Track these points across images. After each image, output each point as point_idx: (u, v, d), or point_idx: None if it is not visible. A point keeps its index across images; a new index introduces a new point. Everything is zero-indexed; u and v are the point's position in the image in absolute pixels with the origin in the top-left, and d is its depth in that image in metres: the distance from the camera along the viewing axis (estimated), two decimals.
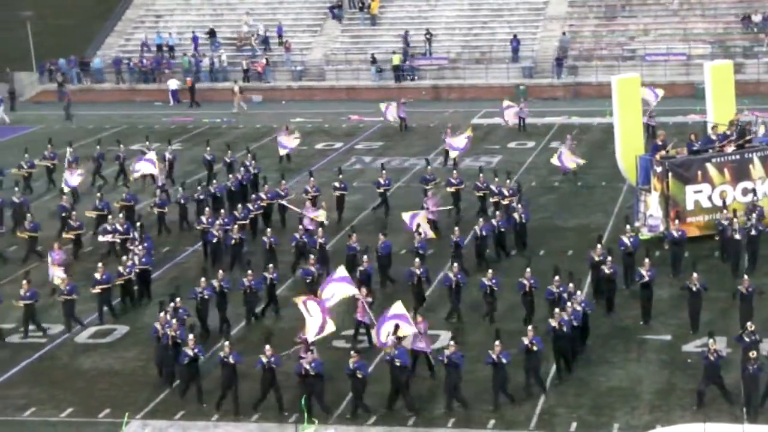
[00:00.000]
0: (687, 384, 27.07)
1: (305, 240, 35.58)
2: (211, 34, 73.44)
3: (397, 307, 27.93)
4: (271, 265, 32.74)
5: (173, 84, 69.58)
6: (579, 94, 65.84)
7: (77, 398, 27.76)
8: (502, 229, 36.39)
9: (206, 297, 31.08)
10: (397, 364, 25.86)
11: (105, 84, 72.50)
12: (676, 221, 35.46)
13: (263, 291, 32.26)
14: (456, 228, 35.50)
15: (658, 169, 37.16)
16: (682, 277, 32.23)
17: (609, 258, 31.53)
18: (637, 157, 38.65)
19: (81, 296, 32.88)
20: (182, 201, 41.13)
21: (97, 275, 32.65)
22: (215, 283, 31.30)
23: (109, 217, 38.81)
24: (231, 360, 26.37)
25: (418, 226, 35.66)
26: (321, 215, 38.29)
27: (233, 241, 36.10)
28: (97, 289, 32.57)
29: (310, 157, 51.82)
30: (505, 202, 38.47)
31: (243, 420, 26.19)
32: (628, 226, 34.02)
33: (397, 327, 26.96)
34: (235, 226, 36.74)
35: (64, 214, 39.49)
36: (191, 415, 26.60)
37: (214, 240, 36.55)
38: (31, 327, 31.81)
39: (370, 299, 30.00)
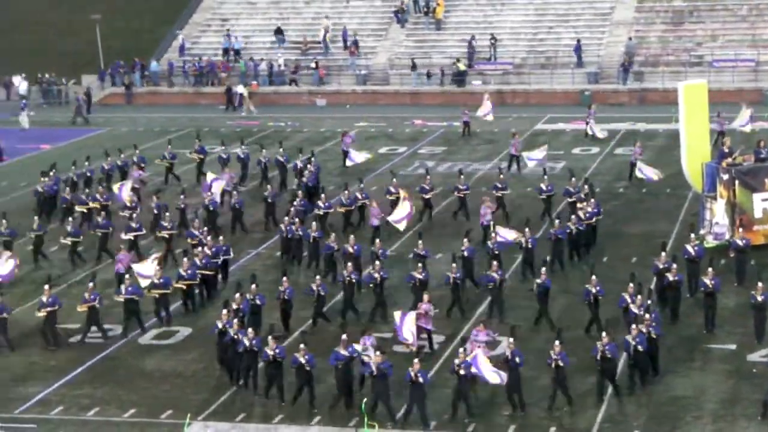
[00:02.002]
0: (752, 394, 26.74)
1: (300, 233, 36.38)
2: (278, 32, 74.00)
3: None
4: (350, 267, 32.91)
5: (240, 88, 70.14)
6: (645, 100, 65.30)
7: (140, 399, 28.00)
8: (581, 228, 36.49)
9: (322, 293, 31.81)
10: (463, 372, 25.70)
11: (173, 87, 73.09)
12: (740, 229, 35.03)
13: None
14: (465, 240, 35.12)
15: (725, 177, 36.74)
16: (748, 286, 31.86)
17: (674, 266, 31.25)
18: (703, 164, 38.26)
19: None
20: (237, 205, 41.34)
21: (155, 279, 32.77)
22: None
23: (167, 214, 39.07)
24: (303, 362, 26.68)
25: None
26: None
27: (312, 238, 36.31)
28: (154, 293, 32.64)
29: (373, 161, 51.83)
30: (581, 206, 37.94)
31: (303, 423, 26.27)
32: (692, 235, 33.69)
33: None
34: (314, 223, 37.00)
35: (64, 206, 42.60)
36: (252, 417, 26.73)
37: (290, 236, 37.02)
38: (93, 328, 32.06)
39: (432, 308, 29.93)
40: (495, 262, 32.32)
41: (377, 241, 35.04)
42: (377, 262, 32.65)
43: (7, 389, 28.81)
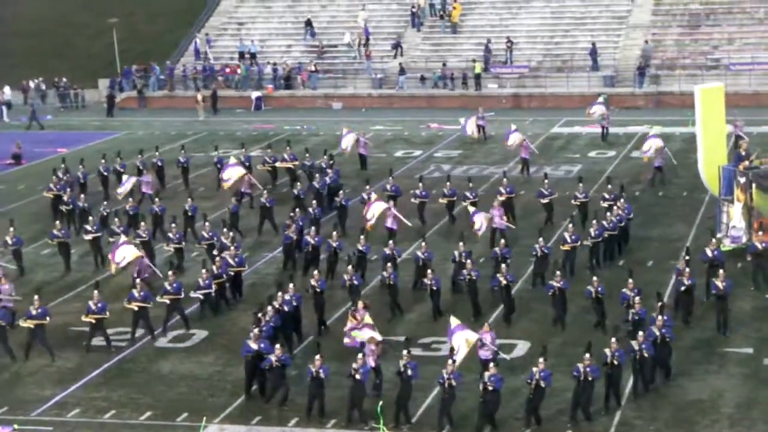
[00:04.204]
0: None
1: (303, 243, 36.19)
2: (308, 24, 74.46)
3: (453, 321, 27.81)
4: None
5: (256, 92, 70.53)
6: (661, 104, 65.18)
7: (156, 402, 28.03)
8: (615, 232, 36.53)
9: (320, 289, 31.83)
10: (490, 388, 25.25)
11: (188, 91, 73.30)
12: (760, 233, 34.90)
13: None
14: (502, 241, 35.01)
15: (742, 180, 36.63)
16: (764, 290, 31.75)
17: (687, 269, 31.20)
18: (720, 167, 38.15)
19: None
20: (268, 204, 41.47)
21: (167, 284, 32.50)
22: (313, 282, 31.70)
23: (207, 223, 38.64)
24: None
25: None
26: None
27: (310, 246, 36.04)
28: (165, 299, 32.29)
29: (389, 165, 51.84)
30: (615, 209, 37.56)
31: (319, 426, 26.25)
32: (713, 239, 33.58)
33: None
34: (312, 228, 36.81)
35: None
36: (268, 420, 26.73)
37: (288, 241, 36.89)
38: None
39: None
40: (503, 265, 32.16)
41: (461, 244, 34.40)
42: (468, 262, 32.54)
43: (24, 392, 28.88)
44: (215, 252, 35.94)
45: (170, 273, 32.85)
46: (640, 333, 26.98)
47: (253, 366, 27.46)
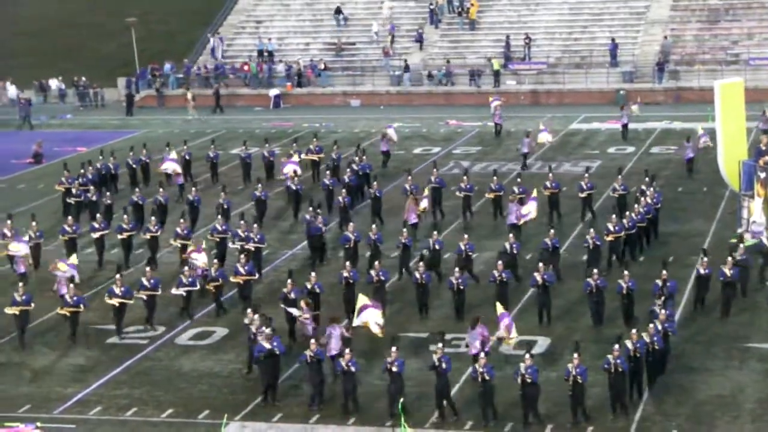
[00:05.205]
0: None
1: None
2: (338, 11, 74.69)
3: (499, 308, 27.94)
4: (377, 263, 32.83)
5: (274, 90, 70.70)
6: (681, 99, 65.02)
7: (178, 399, 28.11)
8: (643, 224, 36.50)
9: (352, 281, 32.07)
10: (528, 380, 25.21)
11: (207, 89, 73.49)
12: None
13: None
14: (552, 231, 34.98)
15: (762, 175, 36.53)
16: None
17: (705, 259, 31.32)
18: (740, 162, 38.05)
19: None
20: (263, 197, 41.80)
21: (144, 280, 32.52)
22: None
23: (219, 217, 38.67)
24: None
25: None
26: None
27: (351, 242, 35.90)
28: (142, 295, 32.33)
29: (408, 161, 51.90)
30: (646, 200, 37.66)
31: (340, 423, 26.29)
32: None
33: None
34: (351, 224, 36.93)
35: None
36: (289, 417, 26.78)
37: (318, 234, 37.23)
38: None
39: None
40: (541, 264, 31.88)
41: (511, 236, 34.54)
42: (500, 263, 32.25)
43: (47, 390, 29.01)
44: (234, 245, 36.40)
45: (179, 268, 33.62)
46: (650, 325, 26.94)
47: (267, 366, 27.30)
